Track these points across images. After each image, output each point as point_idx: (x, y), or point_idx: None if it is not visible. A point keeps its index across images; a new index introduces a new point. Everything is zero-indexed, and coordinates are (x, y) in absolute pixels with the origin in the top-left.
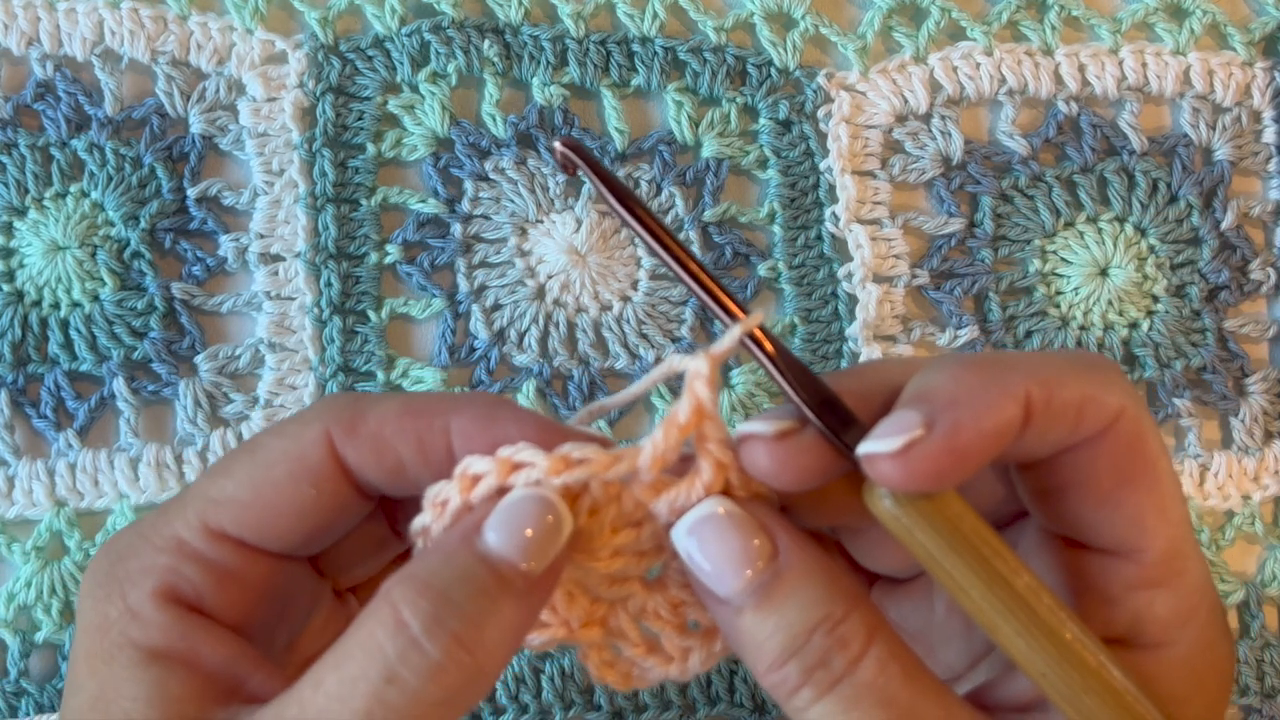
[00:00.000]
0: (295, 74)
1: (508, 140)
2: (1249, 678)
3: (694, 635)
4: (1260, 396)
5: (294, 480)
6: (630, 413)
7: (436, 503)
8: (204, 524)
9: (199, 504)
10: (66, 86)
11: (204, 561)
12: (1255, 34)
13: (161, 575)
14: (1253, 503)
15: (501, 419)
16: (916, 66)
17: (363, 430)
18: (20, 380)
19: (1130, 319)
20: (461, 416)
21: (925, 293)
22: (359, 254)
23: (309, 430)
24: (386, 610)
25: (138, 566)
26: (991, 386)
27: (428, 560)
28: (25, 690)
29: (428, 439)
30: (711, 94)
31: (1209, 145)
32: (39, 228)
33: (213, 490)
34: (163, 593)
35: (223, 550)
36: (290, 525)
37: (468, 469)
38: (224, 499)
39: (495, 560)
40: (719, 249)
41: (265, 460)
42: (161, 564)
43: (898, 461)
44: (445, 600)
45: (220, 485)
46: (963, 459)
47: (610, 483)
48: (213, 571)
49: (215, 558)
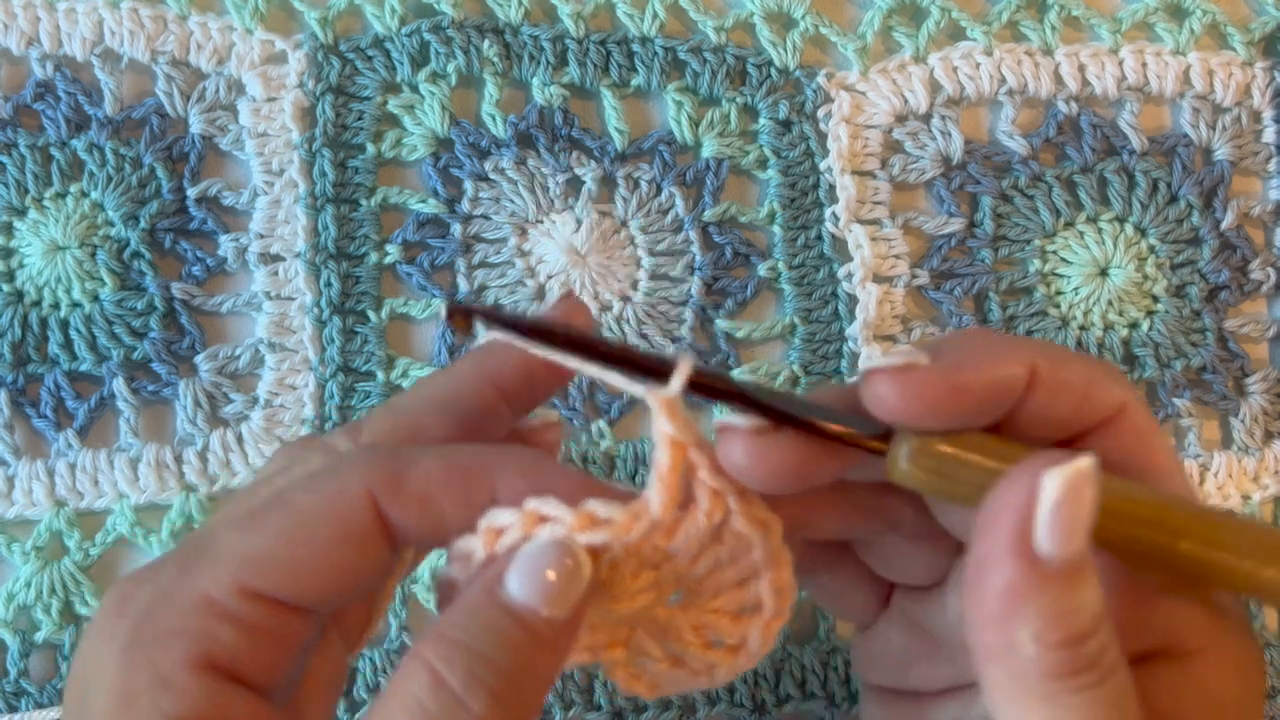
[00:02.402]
0: (295, 74)
1: (508, 140)
2: None
3: (718, 651)
4: (1260, 396)
5: (337, 542)
6: (631, 413)
7: (463, 556)
8: (236, 582)
9: (231, 561)
10: (66, 86)
11: (238, 622)
12: (1255, 34)
13: (195, 640)
14: (1253, 503)
15: (546, 475)
16: (916, 66)
17: (407, 490)
18: (20, 380)
19: (1130, 319)
20: (507, 473)
21: (925, 293)
22: (359, 254)
23: (350, 489)
24: (423, 671)
25: (167, 629)
26: (997, 347)
27: (454, 617)
28: (25, 690)
29: (475, 497)
30: (711, 94)
31: (1209, 145)
32: (39, 228)
33: (245, 547)
34: (196, 659)
35: (256, 609)
36: (329, 585)
37: (493, 522)
38: (257, 557)
39: (519, 610)
40: (719, 249)
41: (304, 517)
42: (192, 627)
43: (896, 380)
44: (478, 656)
45: (253, 542)
46: (959, 395)
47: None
48: (245, 631)
49: (248, 617)
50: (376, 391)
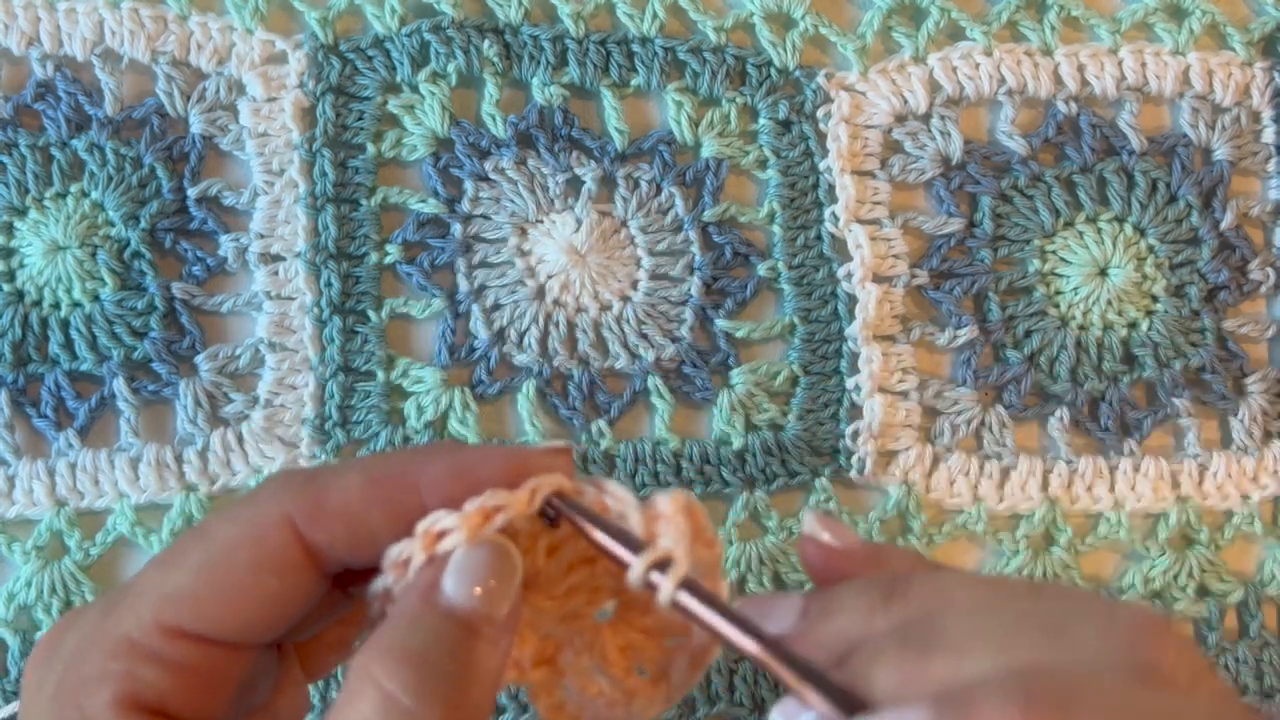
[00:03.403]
0: (295, 74)
1: (508, 140)
2: (1248, 677)
3: (640, 680)
4: (1259, 396)
5: (254, 570)
6: (631, 412)
7: (398, 563)
8: (157, 621)
9: (149, 599)
10: (67, 86)
11: (161, 661)
12: (1255, 34)
13: (117, 682)
14: (1251, 502)
15: (468, 462)
16: (916, 66)
17: (328, 509)
18: (20, 380)
19: (1129, 319)
20: (427, 472)
21: (925, 292)
22: (359, 254)
23: (266, 515)
24: (371, 689)
25: (91, 673)
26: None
27: (396, 629)
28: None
29: (399, 503)
30: (711, 94)
31: (1208, 145)
32: (39, 228)
33: (165, 585)
34: (121, 700)
35: (180, 648)
36: (251, 616)
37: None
38: (177, 594)
39: (460, 613)
40: (719, 249)
41: (221, 549)
42: (115, 670)
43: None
44: (426, 665)
45: (172, 579)
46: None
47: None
48: (171, 670)
49: (172, 656)
50: (376, 391)
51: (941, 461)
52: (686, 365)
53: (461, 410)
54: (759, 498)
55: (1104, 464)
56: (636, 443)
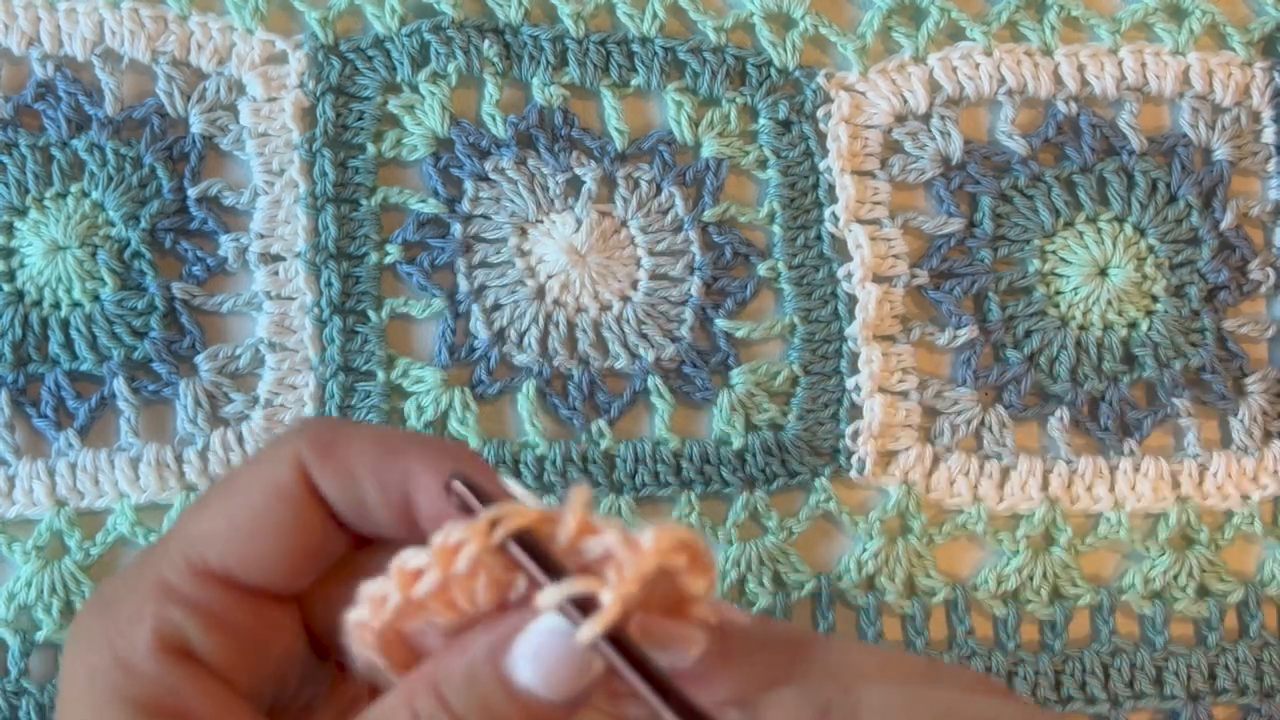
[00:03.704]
0: (295, 74)
1: (508, 140)
2: (1248, 677)
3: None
4: (1259, 396)
5: (269, 505)
6: (631, 412)
7: (375, 600)
8: (187, 561)
9: (180, 542)
10: (67, 86)
11: (191, 603)
12: (1255, 34)
13: (149, 621)
14: (1251, 502)
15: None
16: (916, 66)
17: (335, 459)
18: (20, 380)
19: (1129, 319)
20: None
21: (925, 292)
22: (359, 254)
23: (280, 453)
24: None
25: (125, 614)
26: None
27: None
28: (25, 690)
29: (387, 478)
30: (711, 94)
31: (1208, 145)
32: (39, 228)
33: (192, 527)
34: (153, 642)
35: (209, 589)
36: (271, 551)
37: (405, 564)
38: (203, 533)
39: (520, 693)
40: (719, 249)
41: (240, 488)
42: (149, 610)
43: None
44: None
45: (198, 520)
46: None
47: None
48: (200, 613)
49: (201, 598)
50: (377, 391)
51: (941, 461)
52: (686, 365)
53: (461, 410)
54: (759, 498)
55: (1104, 464)
56: (636, 443)
